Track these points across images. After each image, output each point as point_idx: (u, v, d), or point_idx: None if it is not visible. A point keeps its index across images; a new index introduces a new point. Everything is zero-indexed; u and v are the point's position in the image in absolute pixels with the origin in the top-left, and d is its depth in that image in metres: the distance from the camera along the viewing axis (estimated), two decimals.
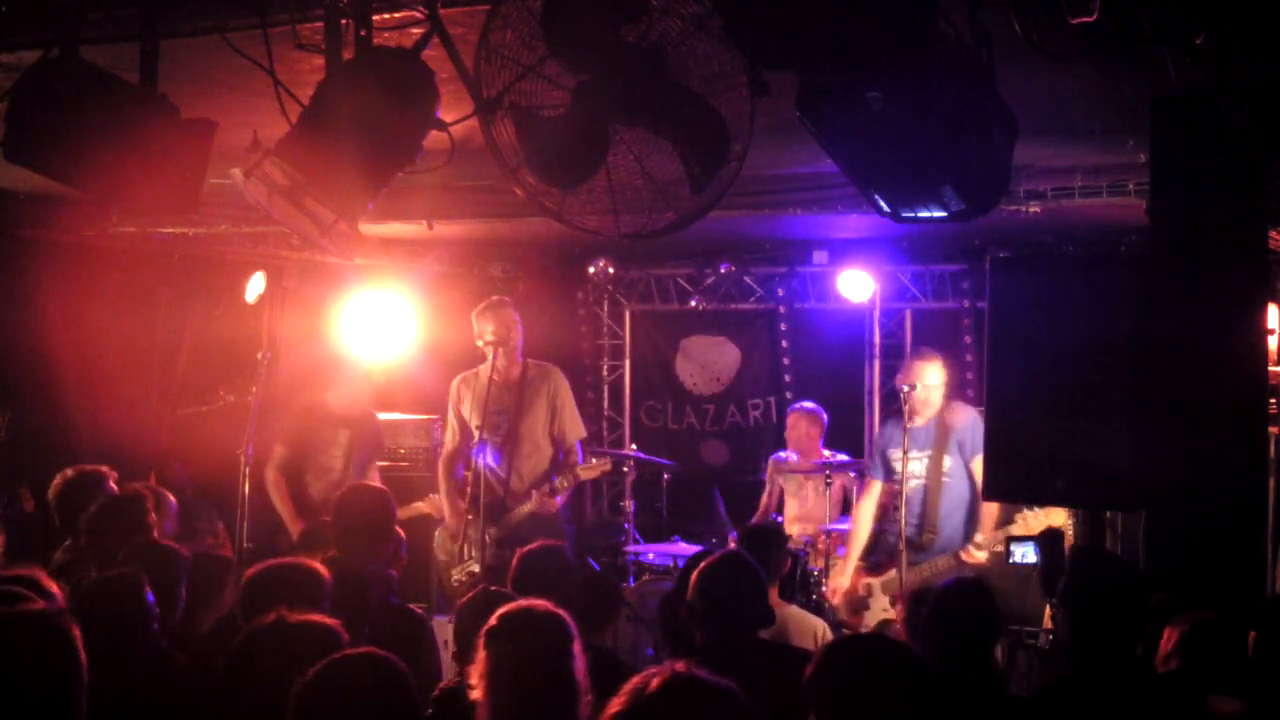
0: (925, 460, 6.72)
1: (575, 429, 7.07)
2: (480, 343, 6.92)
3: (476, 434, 6.75)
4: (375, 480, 7.12)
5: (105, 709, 3.22)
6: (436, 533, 7.22)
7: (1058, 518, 6.35)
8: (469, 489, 6.80)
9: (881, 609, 6.81)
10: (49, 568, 4.80)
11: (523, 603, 3.45)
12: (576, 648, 3.31)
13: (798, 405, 8.62)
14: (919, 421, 6.78)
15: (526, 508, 6.79)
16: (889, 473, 6.93)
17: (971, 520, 6.80)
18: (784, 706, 3.22)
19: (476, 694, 3.24)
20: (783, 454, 8.46)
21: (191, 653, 4.22)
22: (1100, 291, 4.67)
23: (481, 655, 3.29)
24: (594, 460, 7.06)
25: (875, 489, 7.04)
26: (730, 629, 3.97)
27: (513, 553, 4.78)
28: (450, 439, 7.18)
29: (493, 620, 3.35)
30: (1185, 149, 4.49)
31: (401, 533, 5.07)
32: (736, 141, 3.37)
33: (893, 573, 6.76)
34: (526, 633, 3.30)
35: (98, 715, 2.95)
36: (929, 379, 6.71)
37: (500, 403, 6.90)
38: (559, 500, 6.83)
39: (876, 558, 7.02)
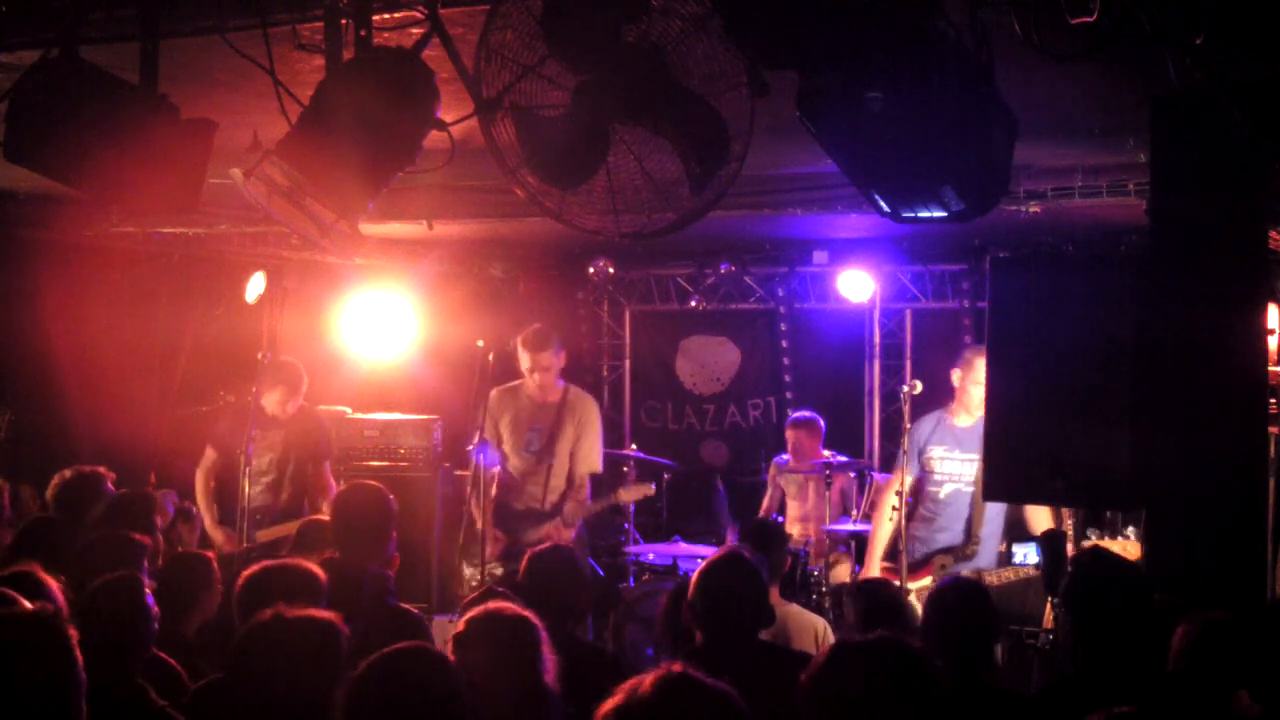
0: (971, 464, 6.36)
1: (590, 461, 6.95)
2: (523, 366, 6.87)
3: (503, 447, 6.82)
4: (327, 479, 7.18)
5: (105, 709, 3.22)
6: (462, 546, 7.00)
7: (1132, 550, 5.76)
8: (480, 494, 6.74)
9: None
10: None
11: (490, 606, 3.40)
12: (546, 650, 3.27)
13: (793, 418, 8.56)
14: (967, 421, 6.47)
15: (538, 534, 6.62)
16: (924, 471, 6.57)
17: (1002, 534, 6.50)
18: (784, 707, 3.21)
19: None
20: (784, 458, 8.45)
21: (178, 655, 4.21)
22: (1100, 291, 4.68)
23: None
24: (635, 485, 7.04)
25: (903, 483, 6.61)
26: (731, 629, 3.96)
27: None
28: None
29: (460, 625, 3.31)
30: (1185, 149, 4.49)
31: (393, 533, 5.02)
32: (736, 141, 3.37)
33: (928, 580, 6.46)
34: (494, 637, 3.26)
35: (98, 715, 2.95)
36: (983, 375, 5.85)
37: (536, 421, 6.89)
38: (572, 534, 6.72)
39: (910, 561, 6.50)
